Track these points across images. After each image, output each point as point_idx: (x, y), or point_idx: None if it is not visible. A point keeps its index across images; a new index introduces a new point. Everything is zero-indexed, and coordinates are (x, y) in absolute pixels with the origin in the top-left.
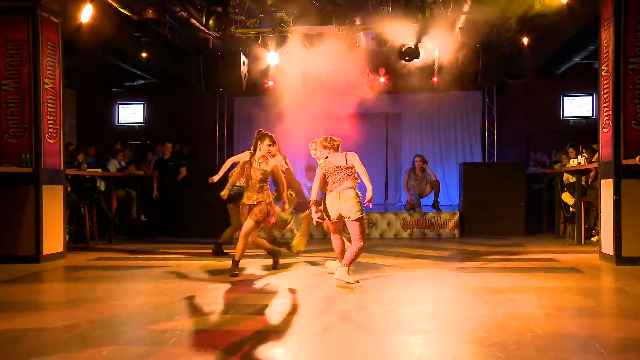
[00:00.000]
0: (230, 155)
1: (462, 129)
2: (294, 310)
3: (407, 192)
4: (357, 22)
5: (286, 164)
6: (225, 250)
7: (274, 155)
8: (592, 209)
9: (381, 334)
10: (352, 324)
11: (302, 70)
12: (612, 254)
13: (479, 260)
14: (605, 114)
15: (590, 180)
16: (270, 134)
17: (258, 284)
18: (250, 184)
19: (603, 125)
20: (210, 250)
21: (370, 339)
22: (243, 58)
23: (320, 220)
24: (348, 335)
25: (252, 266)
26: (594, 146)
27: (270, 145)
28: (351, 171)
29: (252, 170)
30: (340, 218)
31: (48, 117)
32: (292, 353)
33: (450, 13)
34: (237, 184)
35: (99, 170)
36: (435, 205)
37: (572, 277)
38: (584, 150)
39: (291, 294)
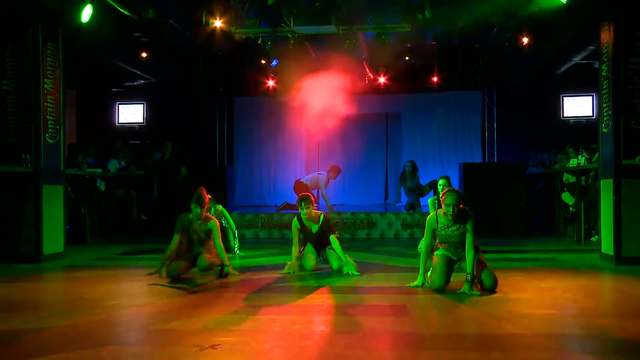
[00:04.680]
0: (229, 155)
1: (462, 129)
2: (293, 310)
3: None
4: (357, 23)
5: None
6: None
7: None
8: (592, 209)
9: (379, 335)
10: (350, 326)
11: (301, 71)
12: (612, 254)
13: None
14: (605, 114)
15: (590, 180)
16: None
17: (260, 284)
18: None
19: (603, 125)
20: None
21: (367, 340)
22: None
23: None
24: (348, 337)
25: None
26: (593, 146)
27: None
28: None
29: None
30: None
31: (48, 117)
32: (288, 354)
33: (450, 13)
34: None
35: (99, 170)
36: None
37: (572, 277)
38: (584, 150)
39: (292, 295)
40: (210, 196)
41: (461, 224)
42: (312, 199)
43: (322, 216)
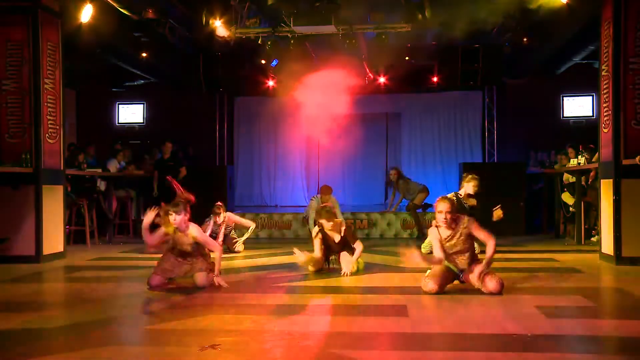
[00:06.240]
0: (229, 155)
1: (462, 129)
2: (294, 309)
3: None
4: (357, 22)
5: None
6: None
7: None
8: (592, 209)
9: (379, 335)
10: (350, 325)
11: (301, 71)
12: (612, 254)
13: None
14: (605, 114)
15: (590, 180)
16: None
17: (260, 284)
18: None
19: (603, 125)
20: None
21: (367, 340)
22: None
23: None
24: (348, 337)
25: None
26: (591, 145)
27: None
28: None
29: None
30: None
31: (48, 117)
32: (288, 354)
33: (449, 13)
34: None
35: (99, 170)
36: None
37: (572, 277)
38: (583, 151)
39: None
40: (220, 203)
41: (458, 229)
42: (333, 211)
43: (343, 227)
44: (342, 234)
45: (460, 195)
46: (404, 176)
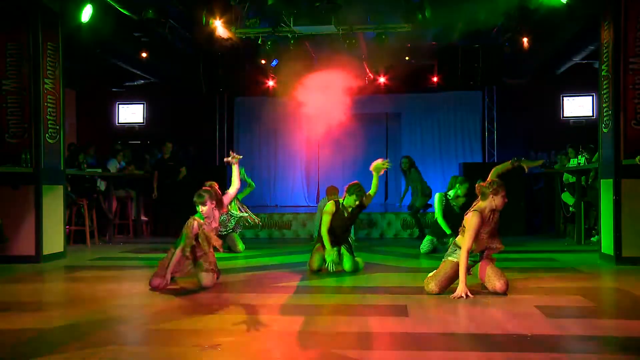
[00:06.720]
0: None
1: (462, 129)
2: (295, 311)
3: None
4: (357, 22)
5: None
6: None
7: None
8: (592, 209)
9: (379, 335)
10: (350, 325)
11: (301, 71)
12: (612, 254)
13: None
14: (605, 114)
15: (590, 180)
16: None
17: (261, 284)
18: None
19: (603, 125)
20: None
21: (367, 340)
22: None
23: None
24: (348, 337)
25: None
26: (591, 145)
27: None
28: None
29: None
30: None
31: (48, 117)
32: (288, 354)
33: (449, 12)
34: None
35: (99, 170)
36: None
37: (572, 277)
38: (583, 150)
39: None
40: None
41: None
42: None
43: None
44: (354, 207)
45: (449, 196)
46: (416, 165)
